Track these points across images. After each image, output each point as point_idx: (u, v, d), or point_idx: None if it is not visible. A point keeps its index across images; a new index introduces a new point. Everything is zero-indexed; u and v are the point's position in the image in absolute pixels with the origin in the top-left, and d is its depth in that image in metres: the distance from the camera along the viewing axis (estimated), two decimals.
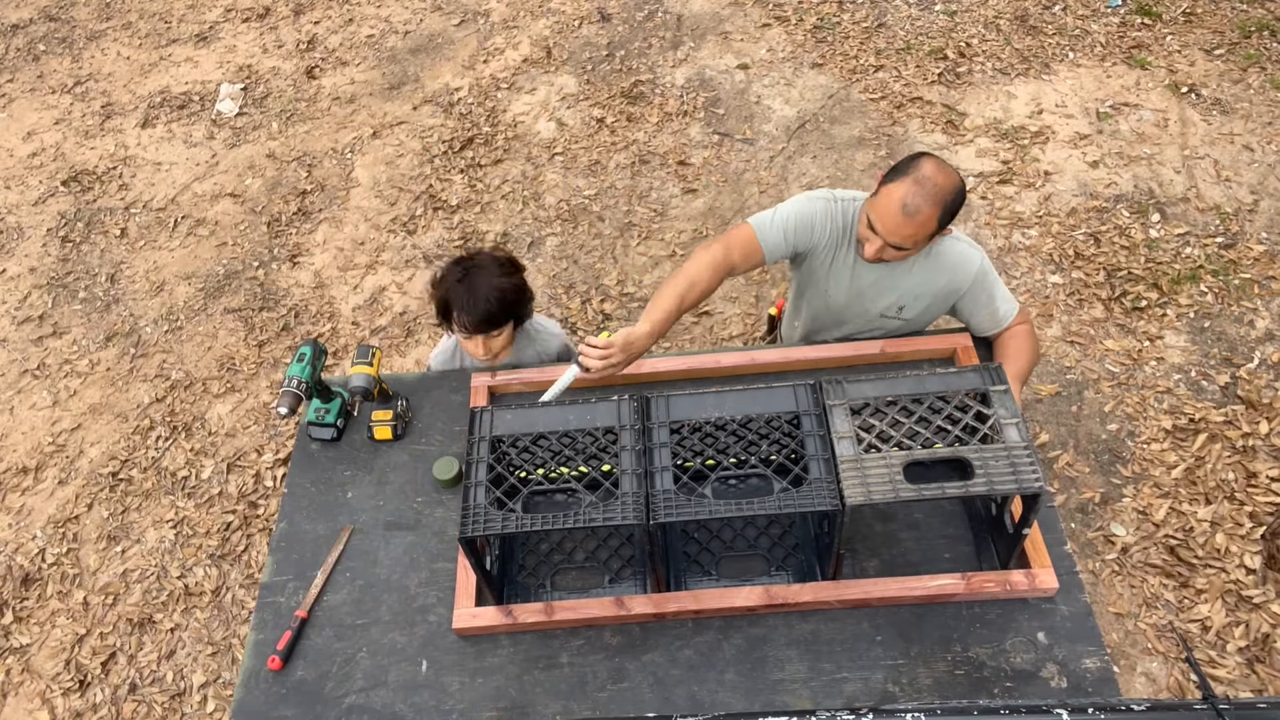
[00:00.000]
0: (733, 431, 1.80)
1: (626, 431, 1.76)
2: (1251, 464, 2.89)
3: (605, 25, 4.91)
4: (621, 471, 1.70)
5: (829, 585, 1.82)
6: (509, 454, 1.84)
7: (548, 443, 1.81)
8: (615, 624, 1.86)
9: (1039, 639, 1.79)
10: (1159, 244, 3.54)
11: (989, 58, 4.39)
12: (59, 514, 3.29)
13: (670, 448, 1.73)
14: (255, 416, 3.47)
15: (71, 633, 2.99)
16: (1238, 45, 4.27)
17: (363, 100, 4.72)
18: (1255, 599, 2.63)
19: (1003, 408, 1.72)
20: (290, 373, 2.09)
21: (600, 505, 1.67)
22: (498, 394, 2.28)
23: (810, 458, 1.69)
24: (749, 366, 2.26)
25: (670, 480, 1.69)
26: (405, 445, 2.22)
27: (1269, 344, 3.20)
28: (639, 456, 1.72)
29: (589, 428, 1.78)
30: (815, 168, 4.01)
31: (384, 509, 2.11)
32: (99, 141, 4.73)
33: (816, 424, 1.74)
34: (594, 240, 3.88)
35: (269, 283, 3.94)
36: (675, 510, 1.64)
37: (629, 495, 1.67)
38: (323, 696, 1.84)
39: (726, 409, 1.78)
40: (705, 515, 1.64)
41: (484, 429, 1.81)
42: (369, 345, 2.20)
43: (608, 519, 1.64)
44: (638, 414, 1.79)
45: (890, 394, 1.77)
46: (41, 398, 3.66)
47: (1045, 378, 3.20)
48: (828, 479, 1.65)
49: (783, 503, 1.63)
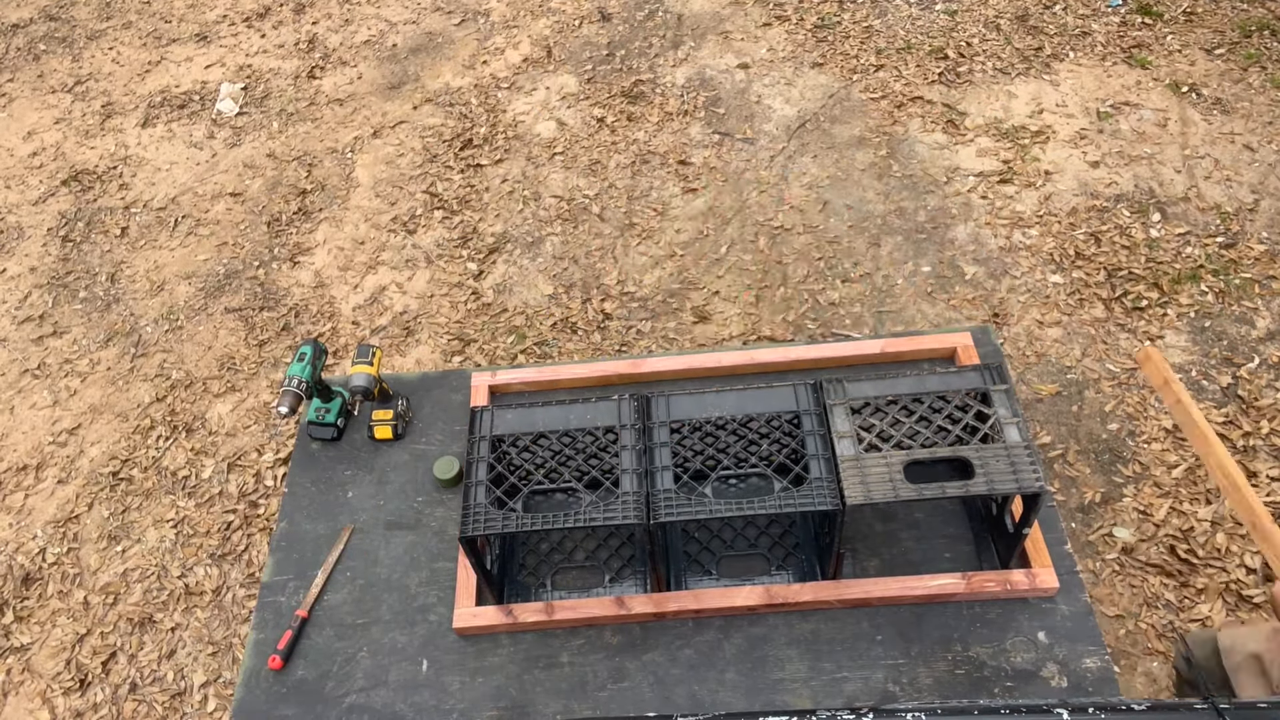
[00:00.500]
0: (733, 431, 1.80)
1: (627, 430, 1.76)
2: (1252, 464, 2.89)
3: (605, 25, 4.91)
4: (622, 471, 1.70)
5: (829, 585, 1.82)
6: (509, 453, 1.84)
7: (548, 442, 1.82)
8: (615, 623, 1.86)
9: (1039, 639, 1.79)
10: (1159, 243, 3.54)
11: (989, 57, 4.38)
12: (59, 513, 3.29)
13: (670, 447, 1.73)
14: (256, 416, 3.47)
15: (72, 632, 2.99)
16: (1238, 45, 4.27)
17: (363, 100, 4.72)
18: (1256, 599, 2.63)
19: (1003, 408, 1.72)
20: (291, 372, 2.09)
21: (600, 504, 1.67)
22: (498, 393, 2.28)
23: (810, 457, 1.69)
24: (749, 366, 2.26)
25: (670, 479, 1.69)
26: (406, 445, 2.22)
27: (1270, 344, 3.20)
28: (639, 455, 1.72)
29: (589, 427, 1.78)
30: (816, 167, 4.01)
31: (384, 508, 2.11)
32: (99, 141, 4.73)
33: (817, 423, 1.74)
34: (594, 240, 3.88)
35: (269, 282, 3.94)
36: (675, 510, 1.64)
37: (629, 494, 1.67)
38: (323, 696, 1.85)
39: (727, 408, 1.78)
40: (705, 515, 1.64)
41: (484, 428, 1.81)
42: (369, 345, 2.20)
43: (608, 518, 1.64)
44: (638, 413, 1.79)
45: (890, 393, 1.77)
46: (42, 397, 3.66)
47: (1046, 377, 3.20)
48: (828, 478, 1.65)
49: (783, 502, 1.64)
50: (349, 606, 1.97)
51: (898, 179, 3.91)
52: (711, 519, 1.76)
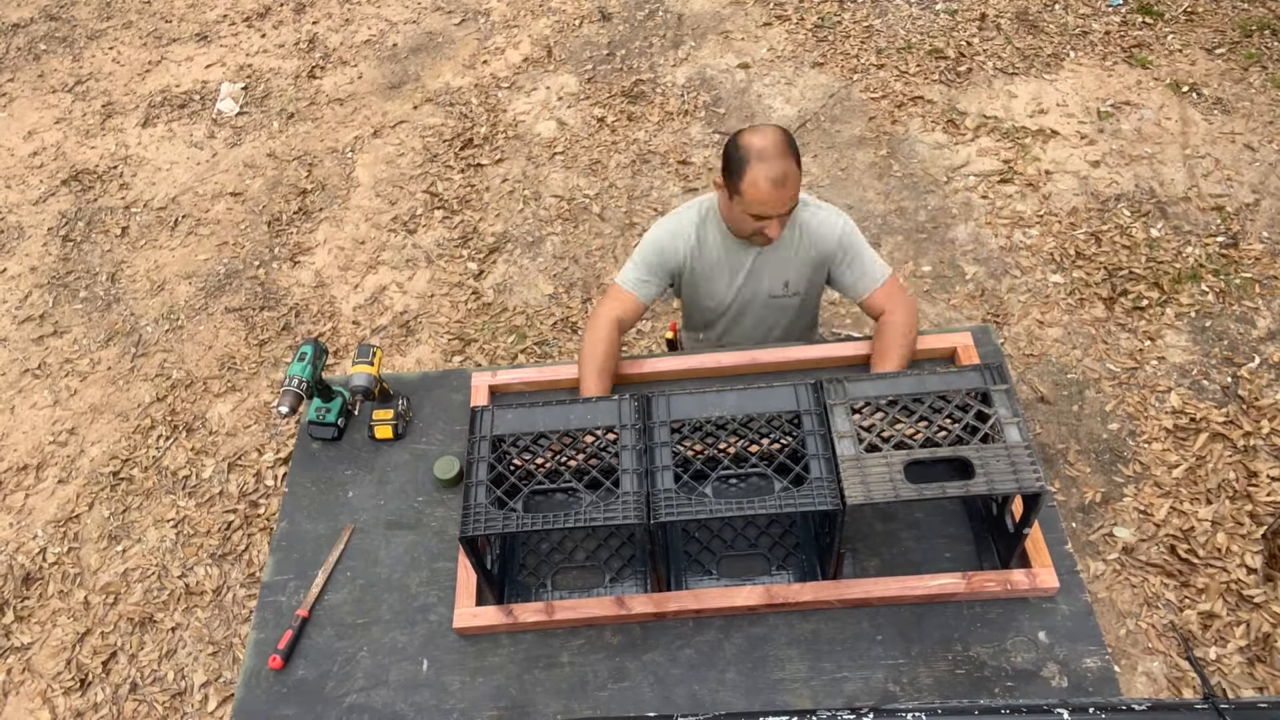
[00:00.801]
0: (733, 430, 1.80)
1: (627, 430, 1.76)
2: (1252, 463, 2.89)
3: (606, 24, 4.91)
4: (622, 470, 1.70)
5: (829, 585, 1.82)
6: (510, 453, 1.84)
7: (548, 441, 1.81)
8: (616, 623, 1.86)
9: (1040, 638, 1.79)
10: (1160, 243, 3.54)
11: (990, 57, 4.38)
12: (60, 513, 3.29)
13: (671, 447, 1.73)
14: (256, 416, 3.47)
15: (72, 632, 2.99)
16: (1239, 44, 4.27)
17: (363, 99, 4.72)
18: (1256, 598, 2.63)
19: (1004, 407, 1.72)
20: (291, 372, 2.09)
21: (601, 504, 1.66)
22: (498, 393, 2.28)
23: (811, 456, 1.68)
24: (749, 366, 2.26)
25: (671, 479, 1.68)
26: (406, 444, 2.22)
27: (1270, 344, 3.20)
28: (639, 455, 1.72)
29: (590, 427, 1.78)
30: (816, 167, 4.01)
31: (385, 508, 2.11)
32: (99, 141, 4.73)
33: (817, 423, 1.74)
34: (595, 240, 3.88)
35: (270, 282, 3.94)
36: (676, 509, 1.64)
37: (629, 494, 1.66)
38: (324, 695, 1.85)
39: (727, 408, 1.78)
40: (706, 515, 1.63)
41: (485, 428, 1.80)
42: (370, 345, 2.19)
43: (608, 518, 1.64)
44: (638, 413, 1.78)
45: (891, 393, 1.77)
46: (42, 397, 3.66)
47: (1046, 377, 3.20)
48: (829, 478, 1.65)
49: (783, 502, 1.63)
50: (349, 606, 1.97)
51: (898, 179, 3.91)
52: (712, 519, 1.75)
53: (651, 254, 2.26)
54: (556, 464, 1.85)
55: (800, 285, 2.30)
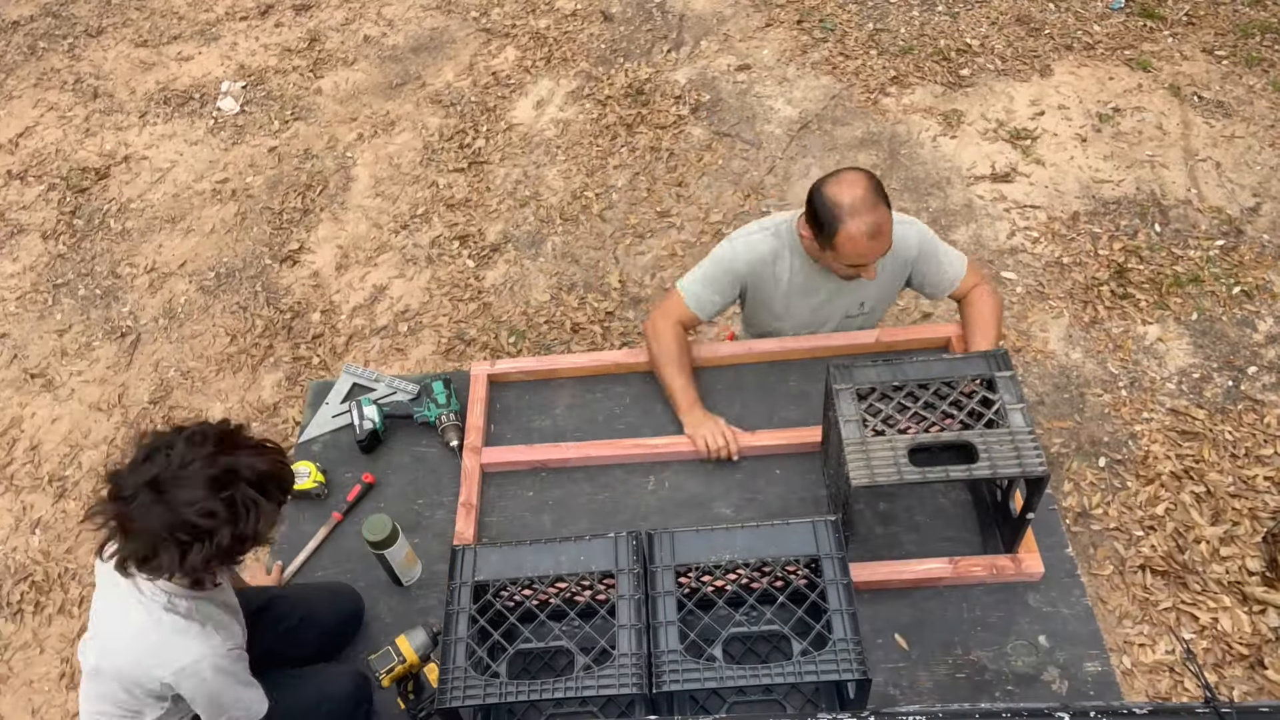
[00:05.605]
0: (744, 585, 1.63)
1: (624, 576, 1.55)
2: (1253, 467, 2.89)
3: (606, 25, 4.91)
4: (619, 627, 1.50)
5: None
6: (493, 603, 1.62)
7: (539, 587, 1.61)
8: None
9: (1040, 642, 1.79)
10: (1160, 245, 3.54)
11: (990, 58, 4.38)
12: (60, 513, 3.29)
13: (676, 597, 1.54)
14: (255, 415, 3.47)
15: (73, 631, 2.99)
16: (1239, 47, 4.26)
17: (364, 98, 4.72)
18: (1257, 601, 2.62)
19: (1008, 393, 1.72)
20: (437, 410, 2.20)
21: (595, 670, 1.46)
22: (497, 382, 2.29)
23: (833, 612, 1.50)
24: (746, 355, 2.28)
25: (676, 638, 1.48)
26: (407, 446, 2.23)
27: (1271, 347, 3.20)
28: (639, 607, 1.52)
29: (583, 571, 1.58)
30: (817, 168, 4.00)
31: (385, 510, 2.11)
32: (100, 139, 4.72)
33: (839, 570, 1.55)
34: (595, 240, 3.88)
35: (270, 280, 3.93)
36: (682, 677, 1.44)
37: (628, 657, 1.46)
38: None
39: (737, 549, 1.60)
40: (716, 683, 1.45)
41: (466, 573, 1.59)
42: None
43: (603, 688, 1.44)
44: (636, 555, 1.58)
45: (897, 379, 1.77)
46: (41, 396, 3.65)
47: (1046, 380, 3.20)
48: (853, 639, 1.47)
49: (803, 669, 1.45)
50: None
51: (899, 180, 3.91)
52: (724, 687, 1.52)
53: (723, 275, 2.20)
54: (545, 617, 1.67)
55: (876, 302, 2.29)
